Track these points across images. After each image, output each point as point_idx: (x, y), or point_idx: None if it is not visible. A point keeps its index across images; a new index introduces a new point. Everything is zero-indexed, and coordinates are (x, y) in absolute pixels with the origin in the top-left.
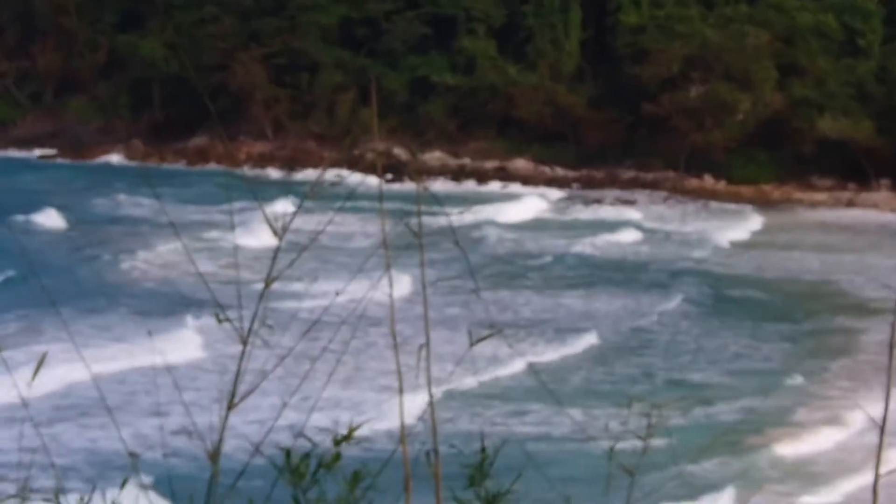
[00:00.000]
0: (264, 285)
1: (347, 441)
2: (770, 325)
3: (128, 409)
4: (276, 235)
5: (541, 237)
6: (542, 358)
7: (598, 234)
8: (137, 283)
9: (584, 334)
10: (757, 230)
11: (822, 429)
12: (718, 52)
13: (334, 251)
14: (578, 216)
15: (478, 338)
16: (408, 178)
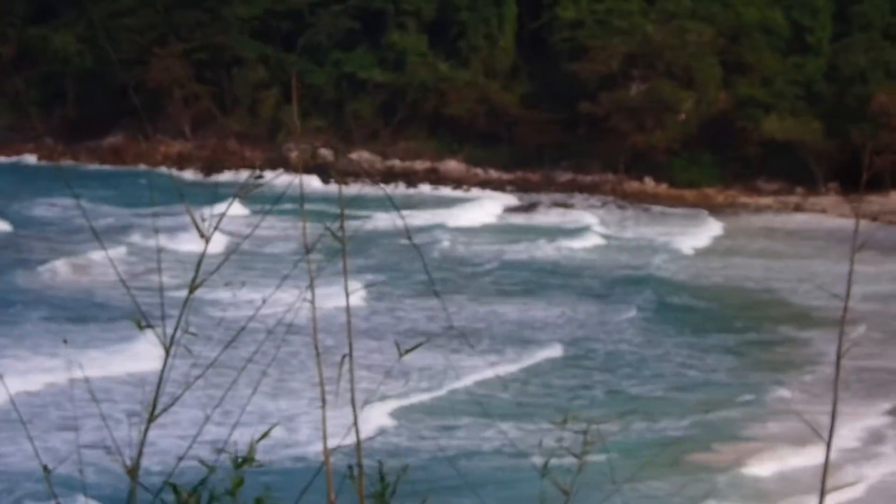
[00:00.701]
0: (189, 291)
1: (248, 465)
2: (723, 335)
3: (38, 422)
4: (203, 238)
5: (495, 243)
6: (477, 370)
7: (557, 240)
8: (55, 291)
9: (530, 346)
10: (718, 235)
11: (771, 445)
12: (660, 49)
13: (254, 256)
14: (533, 221)
15: (406, 349)
16: (335, 180)
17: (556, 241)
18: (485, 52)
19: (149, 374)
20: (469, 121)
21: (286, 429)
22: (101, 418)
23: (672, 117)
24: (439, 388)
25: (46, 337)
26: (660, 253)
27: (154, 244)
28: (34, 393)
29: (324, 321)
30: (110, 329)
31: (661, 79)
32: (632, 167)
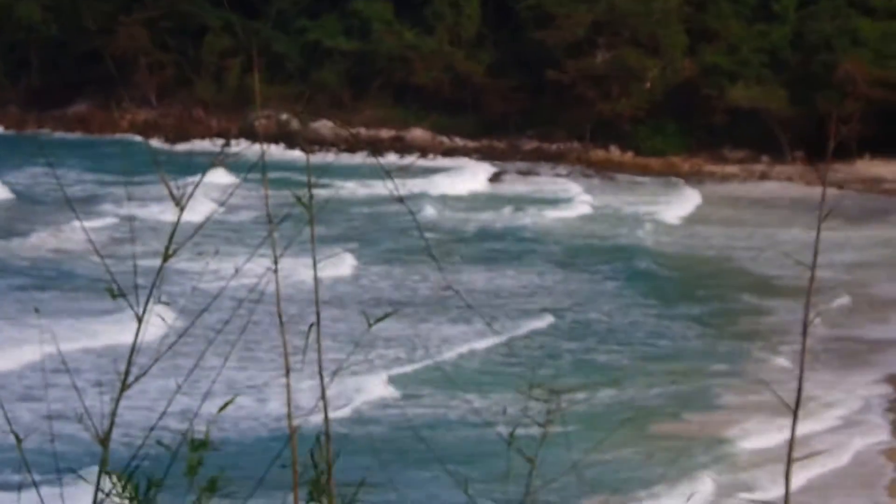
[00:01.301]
0: (162, 259)
1: (204, 449)
2: (718, 304)
3: (3, 393)
4: (177, 205)
5: (480, 211)
6: (446, 340)
7: (543, 210)
8: (35, 262)
9: (515, 317)
10: (699, 204)
11: (744, 416)
12: (625, 17)
13: (220, 225)
14: (517, 190)
15: (375, 319)
16: (301, 149)
17: (543, 210)
18: (450, 20)
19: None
20: (434, 89)
21: (256, 399)
22: (71, 389)
23: (637, 85)
24: (405, 357)
25: (19, 307)
26: (646, 222)
27: (141, 214)
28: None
29: (304, 291)
30: (86, 300)
31: (627, 46)
32: (597, 135)
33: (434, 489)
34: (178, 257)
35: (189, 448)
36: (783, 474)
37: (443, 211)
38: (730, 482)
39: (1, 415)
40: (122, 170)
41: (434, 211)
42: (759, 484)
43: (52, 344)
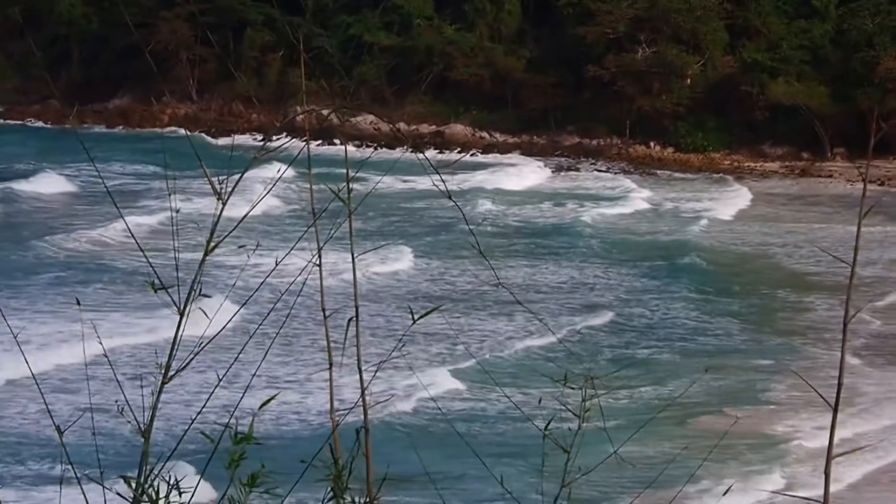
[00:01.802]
0: (204, 252)
1: (248, 442)
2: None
3: (42, 386)
4: (218, 198)
5: (538, 207)
6: (485, 333)
7: (600, 206)
8: (82, 257)
9: (565, 313)
10: (750, 200)
11: (786, 409)
12: (666, 13)
13: (255, 220)
14: (572, 185)
15: (419, 314)
16: (341, 143)
17: (600, 206)
18: (491, 15)
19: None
20: (475, 85)
21: (299, 393)
22: (111, 383)
23: (678, 81)
24: (447, 352)
25: (65, 301)
26: (703, 219)
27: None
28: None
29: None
30: (135, 293)
31: (668, 43)
32: (637, 131)
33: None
34: (224, 252)
35: (232, 441)
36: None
37: (500, 206)
38: (774, 478)
39: (42, 408)
40: (170, 164)
41: (491, 206)
42: (805, 480)
43: (93, 338)
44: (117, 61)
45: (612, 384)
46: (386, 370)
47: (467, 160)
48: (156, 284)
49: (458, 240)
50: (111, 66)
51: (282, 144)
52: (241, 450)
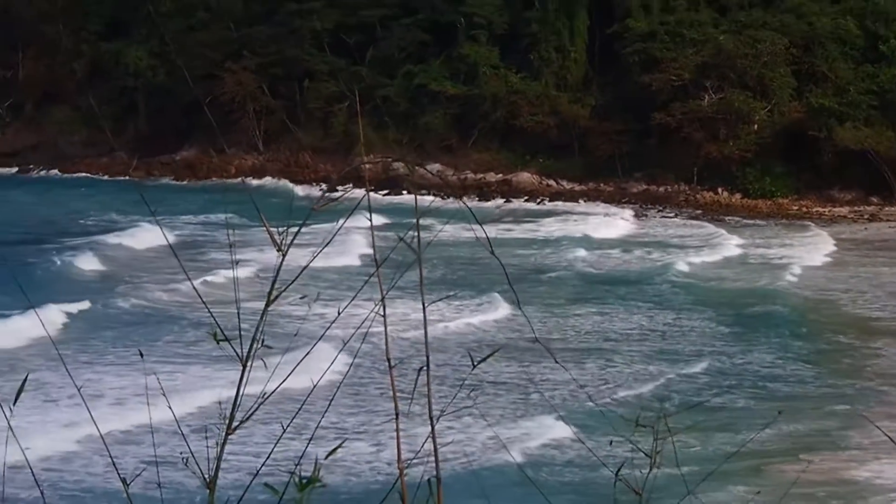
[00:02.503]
0: (265, 303)
1: (312, 485)
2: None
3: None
4: (278, 250)
5: (631, 255)
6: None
7: (690, 253)
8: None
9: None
10: (836, 246)
11: (863, 455)
12: (732, 59)
13: (326, 270)
14: (659, 232)
15: (479, 359)
16: (409, 192)
17: (689, 253)
18: (556, 64)
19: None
20: (541, 132)
21: (371, 444)
22: (176, 435)
23: (745, 127)
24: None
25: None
26: (793, 265)
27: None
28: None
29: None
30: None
31: (734, 89)
32: (704, 178)
33: None
34: (293, 303)
35: (297, 488)
36: None
37: (593, 253)
38: None
39: (107, 460)
40: (245, 214)
41: (585, 254)
42: None
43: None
44: (184, 113)
45: (685, 428)
46: (461, 419)
47: (548, 208)
48: (217, 336)
49: (542, 288)
50: (178, 118)
51: (342, 195)
52: (307, 495)
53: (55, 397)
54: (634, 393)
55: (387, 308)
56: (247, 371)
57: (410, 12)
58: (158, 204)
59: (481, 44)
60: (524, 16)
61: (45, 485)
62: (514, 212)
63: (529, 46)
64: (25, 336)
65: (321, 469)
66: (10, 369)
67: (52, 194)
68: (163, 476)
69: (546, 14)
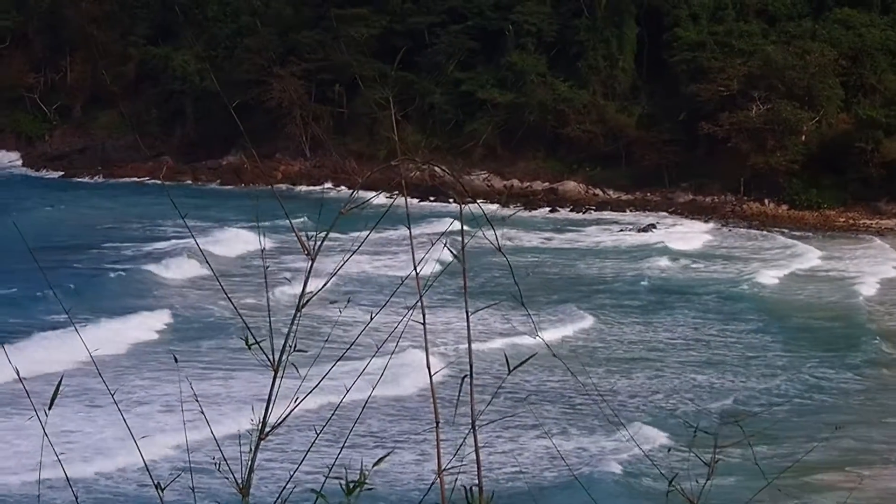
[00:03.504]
0: (296, 308)
1: (360, 488)
2: None
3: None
4: (307, 254)
5: (715, 268)
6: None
7: (767, 266)
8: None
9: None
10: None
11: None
12: (781, 70)
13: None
14: (737, 245)
15: (514, 364)
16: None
17: (769, 266)
18: (604, 72)
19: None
20: (587, 141)
21: (416, 452)
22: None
23: (792, 138)
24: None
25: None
26: (866, 279)
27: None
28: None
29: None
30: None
31: (782, 100)
32: (751, 188)
33: None
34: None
35: (345, 493)
36: None
37: (675, 265)
38: None
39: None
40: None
41: (669, 263)
42: None
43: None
44: (230, 118)
45: (743, 438)
46: (510, 429)
47: (628, 219)
48: (249, 340)
49: (611, 300)
50: (224, 123)
51: (370, 198)
52: (355, 500)
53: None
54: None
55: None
56: (279, 377)
57: (459, 19)
58: (226, 209)
59: (529, 52)
60: (573, 24)
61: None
62: (582, 220)
63: (577, 55)
64: (127, 342)
65: (368, 474)
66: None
67: (126, 199)
68: (198, 481)
69: (595, 22)
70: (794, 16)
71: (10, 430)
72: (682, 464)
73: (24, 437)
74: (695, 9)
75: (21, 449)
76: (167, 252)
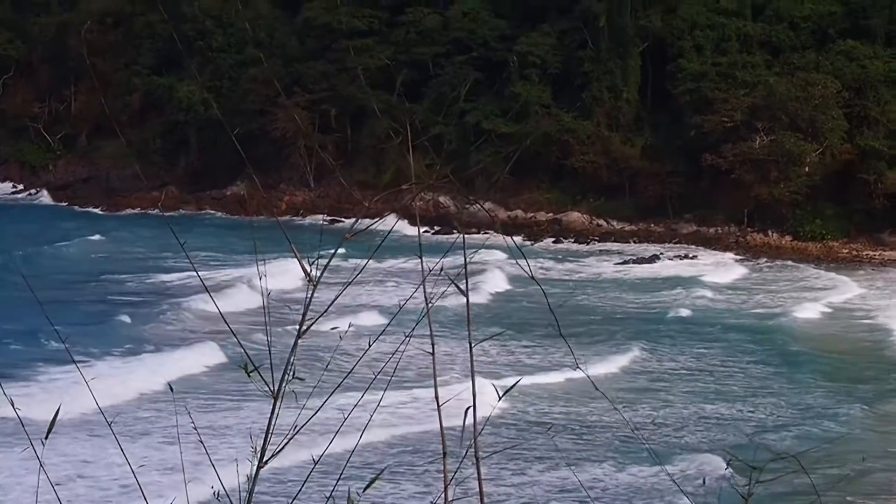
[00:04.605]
0: (296, 335)
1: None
2: None
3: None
4: (309, 281)
5: (749, 301)
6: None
7: (804, 299)
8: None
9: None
10: None
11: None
12: (784, 101)
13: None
14: (770, 277)
15: (504, 390)
16: (458, 231)
17: (807, 299)
18: (608, 104)
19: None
20: (591, 172)
21: (420, 483)
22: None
23: (796, 169)
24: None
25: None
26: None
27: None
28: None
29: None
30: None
31: (785, 131)
32: (755, 219)
33: None
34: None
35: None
36: None
37: (714, 298)
38: None
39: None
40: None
41: (710, 294)
42: None
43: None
44: (235, 148)
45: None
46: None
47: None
48: (248, 368)
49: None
50: (229, 153)
51: (371, 224)
52: None
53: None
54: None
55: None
56: (278, 404)
57: (463, 50)
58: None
59: (533, 82)
60: (577, 55)
61: None
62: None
63: (582, 86)
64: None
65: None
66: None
67: (161, 229)
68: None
69: (599, 54)
70: (797, 47)
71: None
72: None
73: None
74: (699, 40)
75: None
76: (226, 283)
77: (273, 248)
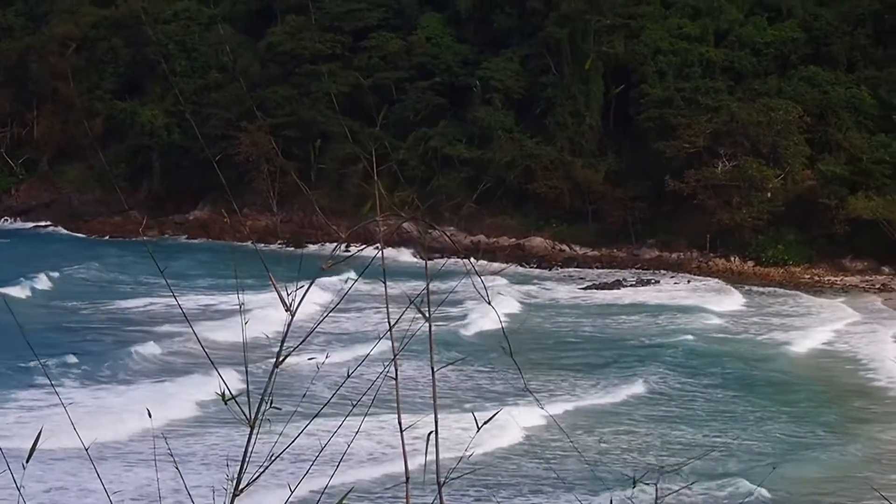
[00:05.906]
0: (273, 365)
1: None
2: None
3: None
4: (287, 310)
5: (755, 330)
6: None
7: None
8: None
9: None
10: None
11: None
12: (746, 127)
13: (338, 328)
14: (769, 308)
15: (483, 420)
16: (420, 256)
17: (798, 329)
18: (571, 129)
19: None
20: (554, 197)
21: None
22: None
23: (758, 195)
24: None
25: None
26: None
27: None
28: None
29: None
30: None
31: (748, 156)
32: (717, 245)
33: None
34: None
35: None
36: None
37: (721, 327)
38: None
39: None
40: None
41: (719, 322)
42: None
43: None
44: (198, 173)
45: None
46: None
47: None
48: (225, 396)
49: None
50: (192, 178)
51: (353, 253)
52: None
53: None
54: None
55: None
56: (254, 433)
57: (426, 76)
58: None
59: (496, 108)
60: (540, 80)
61: None
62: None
63: (545, 111)
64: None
65: None
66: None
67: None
68: None
69: (562, 79)
70: (759, 73)
71: None
72: None
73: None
74: (661, 65)
75: None
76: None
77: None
